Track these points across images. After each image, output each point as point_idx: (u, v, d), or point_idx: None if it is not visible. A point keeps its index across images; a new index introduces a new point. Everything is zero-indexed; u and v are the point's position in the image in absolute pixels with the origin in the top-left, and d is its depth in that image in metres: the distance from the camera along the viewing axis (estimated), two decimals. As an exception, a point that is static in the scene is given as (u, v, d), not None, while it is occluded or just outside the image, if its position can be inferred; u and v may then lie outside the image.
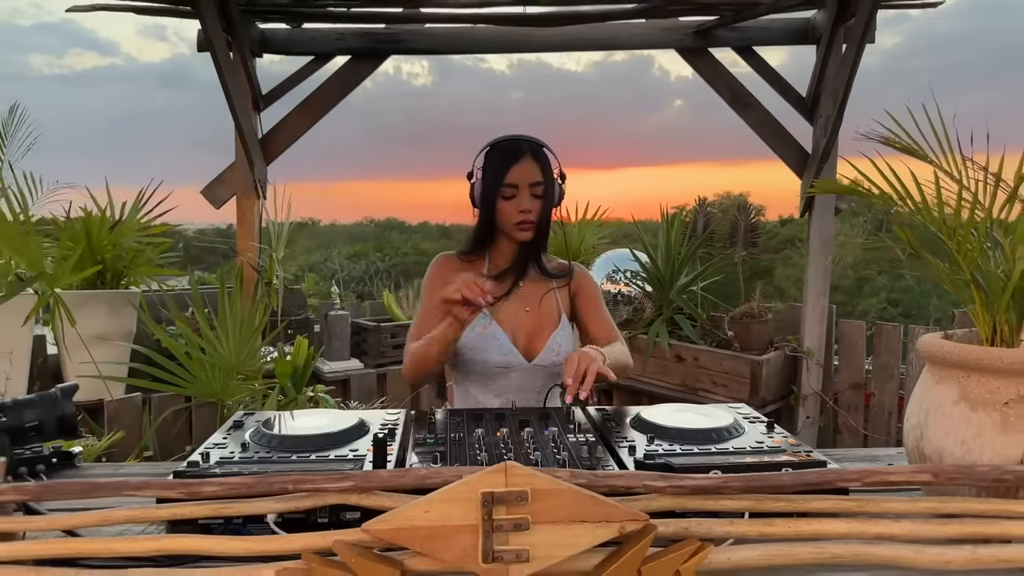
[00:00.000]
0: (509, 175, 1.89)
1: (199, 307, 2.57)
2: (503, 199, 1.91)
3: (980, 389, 1.24)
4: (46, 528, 1.07)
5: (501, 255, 2.03)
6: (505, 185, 1.90)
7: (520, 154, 1.90)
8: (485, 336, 1.95)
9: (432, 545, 0.99)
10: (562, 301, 2.06)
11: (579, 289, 2.10)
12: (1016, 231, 1.33)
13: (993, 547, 1.11)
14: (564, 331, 2.04)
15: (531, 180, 1.90)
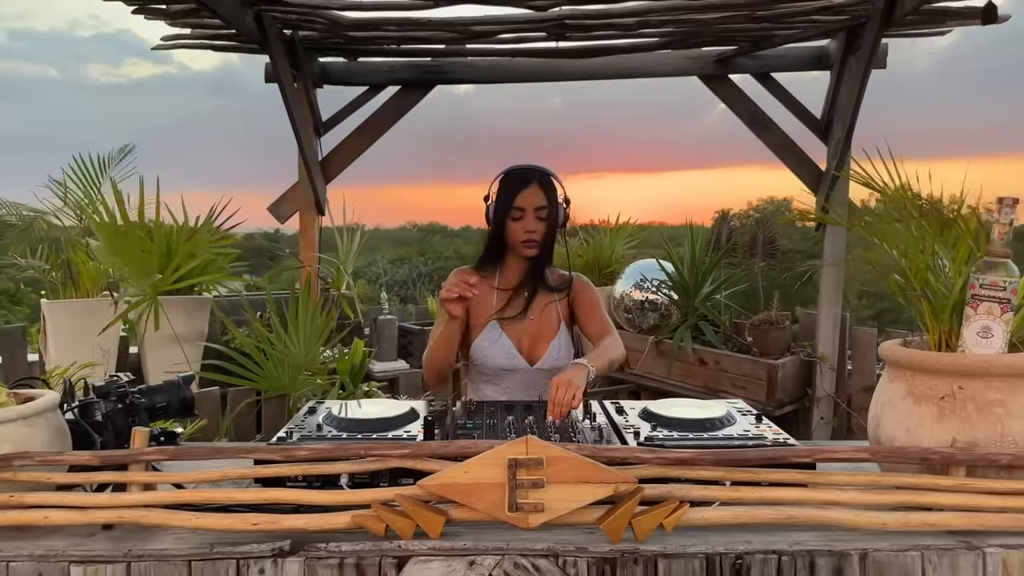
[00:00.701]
0: (518, 199, 2.17)
1: (274, 311, 2.90)
2: (512, 220, 2.19)
3: (922, 386, 1.48)
4: (178, 481, 1.39)
5: (510, 269, 2.30)
6: (514, 208, 2.18)
7: (528, 181, 2.18)
8: (494, 343, 2.23)
9: (470, 498, 1.28)
10: (561, 311, 2.31)
11: (577, 297, 2.35)
12: (957, 256, 1.56)
13: (922, 513, 1.35)
14: (562, 338, 2.29)
15: (536, 204, 2.17)
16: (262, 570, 1.26)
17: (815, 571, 1.29)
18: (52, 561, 1.27)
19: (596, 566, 1.27)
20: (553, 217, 2.20)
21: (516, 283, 2.27)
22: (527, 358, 2.24)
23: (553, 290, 2.31)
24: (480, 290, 2.14)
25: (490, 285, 2.29)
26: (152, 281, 3.20)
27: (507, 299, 2.26)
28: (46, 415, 1.45)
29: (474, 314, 2.27)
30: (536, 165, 2.23)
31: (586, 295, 2.34)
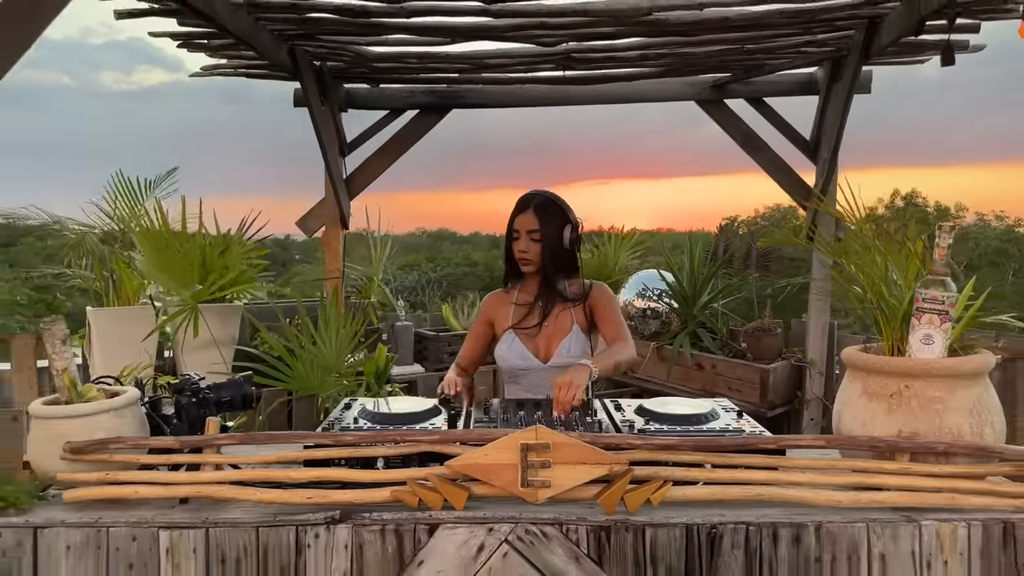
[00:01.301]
0: (515, 223, 2.43)
1: (305, 318, 3.14)
2: (512, 240, 2.45)
3: (875, 385, 1.70)
4: (246, 463, 1.63)
5: (527, 284, 2.54)
6: (512, 230, 2.44)
7: (524, 207, 2.42)
8: (509, 348, 2.47)
9: (489, 476, 1.52)
10: (576, 316, 2.51)
11: (594, 304, 2.54)
12: (907, 274, 1.79)
13: (870, 492, 1.58)
14: (574, 338, 2.49)
15: (529, 228, 2.40)
16: (317, 535, 1.50)
17: (777, 539, 1.52)
18: (144, 527, 1.51)
19: (593, 533, 1.50)
20: (548, 238, 2.41)
21: (529, 298, 2.51)
22: (542, 358, 2.47)
23: (568, 300, 2.51)
24: (502, 305, 2.53)
25: (509, 300, 2.54)
26: (192, 291, 3.45)
27: (523, 311, 2.49)
28: (131, 407, 1.70)
29: (499, 329, 2.55)
30: (540, 191, 2.46)
31: (602, 300, 2.53)
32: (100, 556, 1.50)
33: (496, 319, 2.55)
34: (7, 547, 1.51)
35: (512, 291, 2.57)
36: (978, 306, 1.78)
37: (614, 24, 2.97)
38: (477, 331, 2.59)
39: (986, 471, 1.61)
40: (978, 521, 1.53)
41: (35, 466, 1.66)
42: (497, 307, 2.57)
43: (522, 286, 2.56)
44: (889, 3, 2.88)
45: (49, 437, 1.62)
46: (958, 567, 1.52)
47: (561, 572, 1.48)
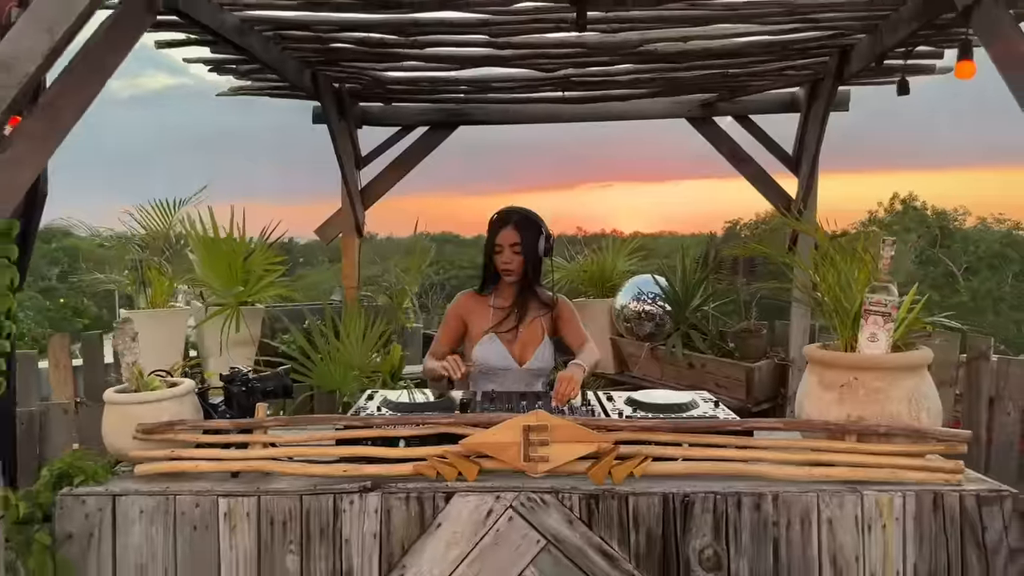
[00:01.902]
0: (498, 238, 2.66)
1: (328, 321, 3.41)
2: (495, 253, 2.68)
3: (829, 377, 1.94)
4: (293, 442, 1.88)
5: (502, 291, 2.76)
6: (495, 245, 2.67)
7: (505, 223, 2.66)
8: (490, 349, 2.69)
9: (496, 452, 1.77)
10: (546, 324, 2.76)
11: (559, 314, 2.80)
12: (858, 282, 2.03)
13: (822, 468, 1.82)
14: (546, 347, 2.75)
15: (511, 242, 2.64)
16: (351, 501, 1.75)
17: (741, 506, 1.76)
18: (205, 495, 1.76)
19: (584, 500, 1.75)
20: (528, 251, 2.65)
21: (507, 303, 2.74)
22: (518, 360, 2.71)
23: (538, 307, 2.76)
24: (479, 307, 2.75)
25: (487, 304, 2.76)
26: (235, 292, 3.70)
27: (501, 315, 2.74)
28: (189, 395, 1.95)
29: (474, 329, 2.75)
30: (517, 208, 2.71)
31: (565, 313, 2.79)
32: (168, 519, 1.76)
33: (471, 319, 2.75)
34: (90, 511, 1.76)
35: (487, 296, 2.78)
36: (918, 310, 2.02)
37: (608, 54, 3.22)
38: (452, 325, 2.77)
39: (923, 450, 1.84)
40: (912, 492, 1.77)
41: (108, 445, 1.91)
42: (473, 308, 2.76)
43: (497, 291, 2.77)
44: (856, 35, 3.13)
45: (121, 420, 1.87)
46: (894, 530, 1.76)
47: (557, 532, 1.73)
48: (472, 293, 2.82)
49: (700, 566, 1.75)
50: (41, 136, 1.76)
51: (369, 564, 1.75)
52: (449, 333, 2.78)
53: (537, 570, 1.73)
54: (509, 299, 2.76)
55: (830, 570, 1.75)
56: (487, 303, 2.78)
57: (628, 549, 1.75)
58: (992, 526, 1.75)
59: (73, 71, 1.83)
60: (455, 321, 2.78)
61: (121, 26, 1.94)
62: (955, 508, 1.76)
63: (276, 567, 1.75)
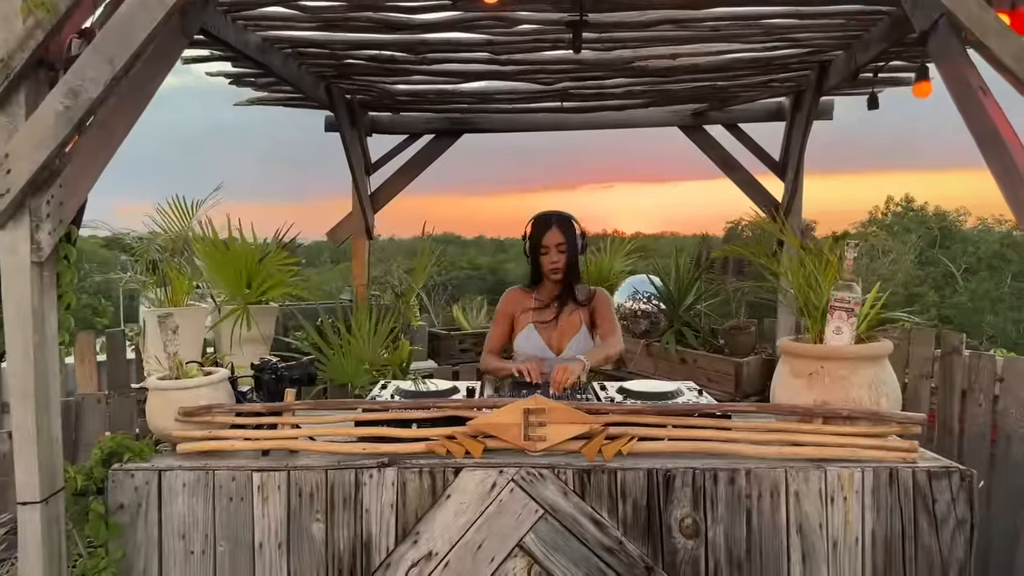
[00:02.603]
0: (544, 240, 2.86)
1: (341, 320, 3.60)
2: (541, 255, 2.88)
3: (799, 366, 2.13)
4: (317, 423, 2.08)
5: (545, 288, 2.97)
6: (542, 247, 2.87)
7: (549, 225, 2.87)
8: (529, 340, 2.91)
9: (499, 432, 1.96)
10: (584, 317, 2.95)
11: (595, 306, 3.00)
12: (826, 280, 2.23)
13: (791, 447, 2.01)
14: (582, 336, 2.94)
15: (556, 242, 2.86)
16: (371, 475, 1.95)
17: (717, 480, 1.96)
18: (241, 470, 1.96)
19: (578, 474, 1.94)
20: (571, 249, 2.87)
21: (549, 299, 2.94)
22: (555, 350, 2.91)
23: (578, 302, 2.95)
24: (524, 301, 2.96)
25: (531, 298, 2.97)
26: (244, 294, 3.90)
27: (542, 310, 2.94)
28: (223, 383, 2.15)
29: (518, 321, 2.97)
30: (554, 211, 2.92)
31: (603, 304, 2.99)
32: (208, 491, 1.95)
33: (516, 312, 2.97)
34: (139, 484, 1.96)
35: (530, 291, 2.99)
36: (879, 307, 2.20)
37: (603, 70, 3.42)
38: (503, 320, 3.00)
39: (882, 431, 2.03)
40: (871, 468, 1.96)
41: (151, 426, 2.11)
42: (519, 302, 2.98)
43: (540, 288, 2.99)
44: (833, 52, 3.32)
45: (163, 404, 2.07)
46: (854, 502, 1.95)
47: (553, 503, 1.93)
48: (520, 289, 3.04)
49: (680, 533, 1.95)
50: (95, 151, 1.95)
51: (387, 530, 1.94)
52: (501, 329, 2.99)
53: (536, 536, 1.93)
54: (550, 294, 2.96)
55: (797, 537, 1.95)
56: (531, 297, 2.99)
57: (617, 518, 1.94)
58: (941, 498, 1.94)
59: (120, 93, 2.02)
60: (504, 317, 2.99)
61: (161, 49, 2.13)
62: (908, 482, 1.95)
63: (304, 533, 1.95)
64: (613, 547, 1.93)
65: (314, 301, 5.98)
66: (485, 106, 4.39)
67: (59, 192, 1.81)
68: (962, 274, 18.52)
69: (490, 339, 3.00)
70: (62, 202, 1.81)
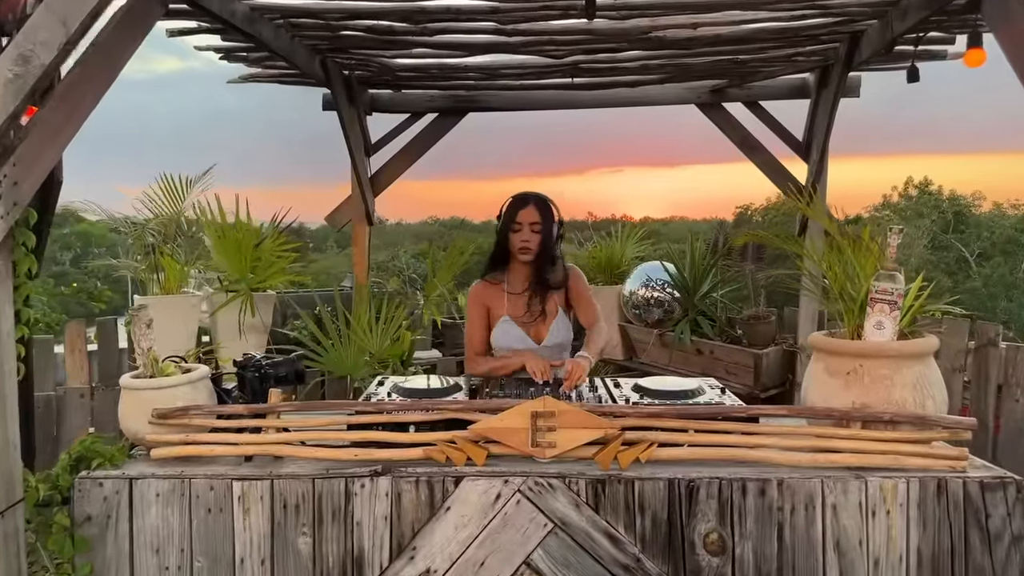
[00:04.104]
0: (518, 216, 2.68)
1: (340, 310, 3.44)
2: (512, 232, 2.69)
3: (835, 365, 1.95)
4: (303, 426, 1.91)
5: (515, 275, 2.77)
6: (514, 222, 2.68)
7: (527, 202, 2.68)
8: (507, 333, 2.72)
9: (504, 438, 1.79)
10: (559, 300, 2.77)
11: (571, 287, 2.81)
12: (864, 271, 2.04)
13: (826, 454, 1.83)
14: (560, 321, 2.76)
15: (531, 220, 2.66)
16: (363, 485, 1.78)
17: (745, 492, 1.78)
18: (220, 479, 1.80)
19: (591, 485, 1.77)
20: (546, 232, 2.67)
21: (522, 285, 2.76)
22: (535, 340, 2.73)
23: (552, 286, 2.76)
24: (496, 294, 2.76)
25: (501, 289, 2.78)
26: (248, 279, 3.74)
27: (516, 299, 2.76)
28: (203, 381, 1.99)
29: (493, 314, 2.78)
30: (536, 192, 2.74)
31: (578, 285, 2.81)
32: (184, 502, 1.80)
33: (491, 306, 2.77)
34: (108, 494, 1.80)
35: (499, 282, 2.79)
36: (924, 298, 2.02)
37: (617, 41, 3.22)
38: (479, 319, 2.79)
39: (928, 437, 1.85)
40: (916, 478, 1.79)
41: (124, 429, 1.95)
42: (490, 296, 2.78)
43: (509, 277, 2.78)
44: (866, 21, 3.11)
45: (137, 405, 1.91)
46: (898, 516, 1.78)
47: (564, 516, 1.76)
48: (484, 282, 2.83)
49: (705, 550, 1.78)
50: (57, 126, 1.78)
51: (380, 546, 1.78)
52: (480, 325, 2.79)
53: (544, 553, 1.76)
54: (522, 282, 2.77)
55: (834, 554, 1.78)
56: (501, 289, 2.79)
57: (634, 533, 1.78)
58: (996, 512, 1.77)
59: (87, 62, 1.85)
60: (479, 312, 2.79)
61: (133, 16, 1.96)
62: (959, 494, 1.78)
63: (289, 549, 1.79)
64: (630, 565, 1.76)
65: (318, 288, 5.83)
66: (491, 82, 4.19)
67: (12, 171, 1.64)
68: (976, 259, 18.27)
69: (471, 340, 2.80)
70: (16, 182, 1.65)
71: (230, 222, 4.09)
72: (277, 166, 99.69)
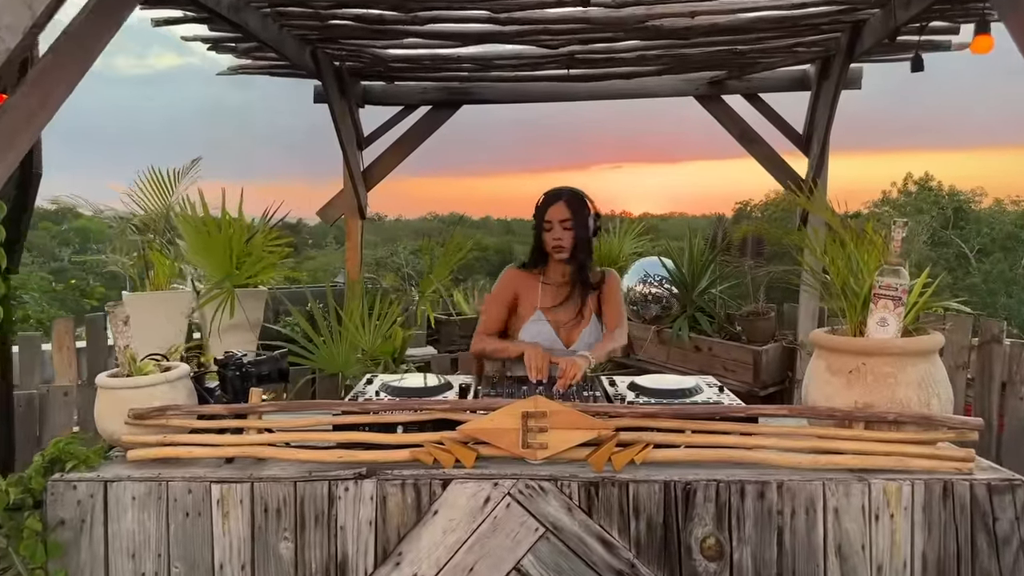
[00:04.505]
0: (548, 214, 2.60)
1: (332, 306, 3.37)
2: (544, 231, 2.62)
3: (837, 363, 1.89)
4: (286, 427, 1.85)
5: (553, 269, 2.69)
6: (545, 221, 2.61)
7: (556, 199, 2.60)
8: (538, 329, 2.64)
9: (494, 439, 1.73)
10: (593, 305, 2.69)
11: (604, 290, 2.74)
12: (868, 263, 1.98)
13: (828, 455, 1.77)
14: (593, 328, 2.68)
15: (561, 218, 2.58)
16: (347, 488, 1.72)
17: (744, 495, 1.72)
18: (198, 482, 1.74)
19: (584, 488, 1.71)
20: (579, 228, 2.59)
21: (559, 281, 2.68)
22: (564, 342, 2.65)
23: (590, 287, 2.68)
24: (530, 283, 2.67)
25: (538, 280, 2.68)
26: (231, 277, 3.67)
27: (551, 292, 2.67)
28: (183, 380, 1.92)
29: (523, 305, 2.68)
30: (569, 187, 2.65)
31: (612, 288, 2.73)
32: (161, 506, 1.73)
33: (522, 294, 2.66)
34: (82, 497, 1.74)
35: (536, 272, 2.69)
36: (929, 294, 1.96)
37: (613, 30, 3.15)
38: (503, 302, 2.67)
39: (934, 438, 1.80)
40: (921, 480, 1.73)
41: (100, 430, 1.89)
42: (523, 283, 2.67)
43: (547, 270, 2.69)
44: (869, 9, 3.04)
45: (113, 405, 1.84)
46: (902, 520, 1.72)
47: (555, 520, 1.70)
48: (519, 269, 2.73)
49: (702, 554, 1.72)
50: (29, 114, 1.72)
51: (365, 551, 1.72)
52: (499, 311, 2.68)
53: (535, 558, 1.70)
54: (560, 276, 2.69)
55: (835, 559, 1.72)
56: (537, 279, 2.70)
57: (628, 537, 1.71)
58: (1004, 516, 1.71)
59: (59, 48, 1.79)
60: (505, 298, 2.68)
61: (107, 4, 1.89)
62: (965, 497, 1.72)
63: (270, 554, 1.73)
64: (624, 571, 1.70)
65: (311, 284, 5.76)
66: (485, 74, 4.12)
67: (-22, 161, 1.57)
68: (975, 255, 18.25)
69: (485, 321, 2.70)
70: (-18, 172, 1.58)
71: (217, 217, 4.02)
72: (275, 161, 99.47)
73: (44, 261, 17.54)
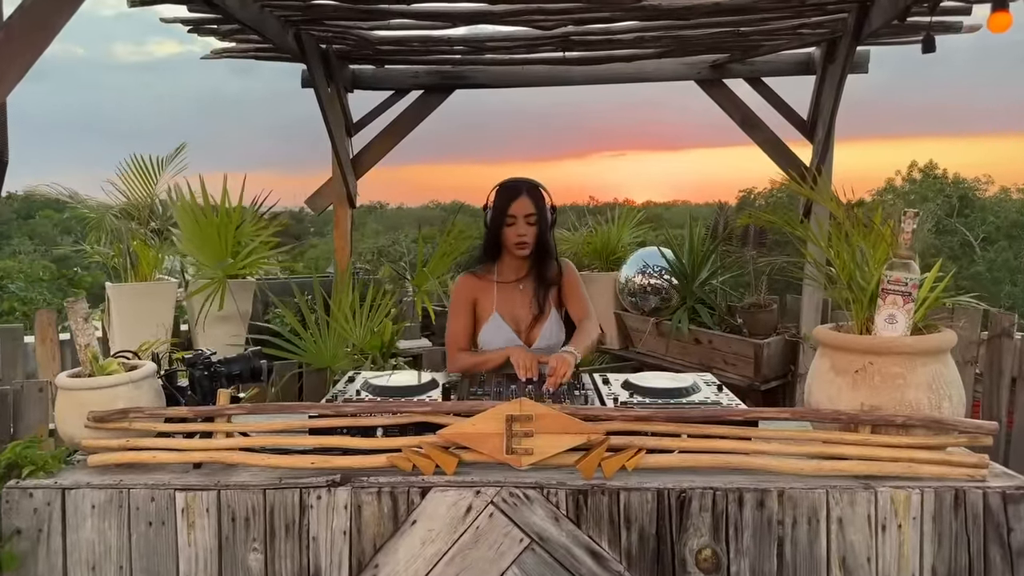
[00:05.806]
0: (511, 208, 2.48)
1: (320, 298, 3.28)
2: (506, 226, 2.51)
3: (842, 362, 1.80)
4: (256, 431, 1.76)
5: (507, 267, 2.60)
6: (508, 216, 2.49)
7: (518, 193, 2.49)
8: (496, 331, 2.55)
9: (477, 444, 1.64)
10: (553, 298, 2.61)
11: (564, 281, 2.65)
12: (876, 256, 1.88)
13: (832, 461, 1.68)
14: (553, 322, 2.59)
15: (526, 212, 2.48)
16: (319, 496, 1.63)
17: (743, 503, 1.63)
18: (162, 489, 1.65)
19: (572, 496, 1.62)
20: (542, 222, 2.51)
21: (514, 278, 2.59)
22: (525, 340, 2.57)
23: (548, 282, 2.61)
24: (484, 287, 2.57)
25: (491, 281, 2.60)
26: (223, 266, 3.57)
27: (506, 292, 2.58)
28: (149, 380, 1.83)
29: (481, 310, 2.60)
30: (526, 179, 2.55)
31: (571, 279, 2.64)
32: (122, 514, 1.64)
33: (479, 298, 2.59)
34: (38, 506, 1.65)
35: (487, 274, 2.61)
36: (941, 289, 1.86)
37: (610, 10, 3.03)
38: (464, 311, 2.61)
39: (944, 442, 1.70)
40: (931, 488, 1.63)
41: (61, 433, 1.80)
42: (479, 289, 2.60)
43: (499, 268, 2.61)
44: (878, -12, 2.93)
45: (73, 407, 1.75)
46: (910, 530, 1.63)
47: (541, 531, 1.61)
48: (473, 274, 2.64)
49: (697, 567, 1.63)
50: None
51: (339, 563, 1.63)
52: (464, 321, 2.60)
53: (520, 571, 1.62)
54: (514, 272, 2.61)
55: (839, 572, 1.63)
56: (491, 281, 2.61)
57: (619, 549, 1.63)
58: (1018, 526, 1.62)
59: (13, 28, 1.68)
60: (465, 306, 2.60)
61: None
62: (978, 506, 1.63)
63: (239, 566, 1.64)
64: (614, 584, 1.61)
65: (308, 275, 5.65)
66: (477, 56, 4.01)
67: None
68: (980, 244, 18.14)
69: (455, 336, 2.60)
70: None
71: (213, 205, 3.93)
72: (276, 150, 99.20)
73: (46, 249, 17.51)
